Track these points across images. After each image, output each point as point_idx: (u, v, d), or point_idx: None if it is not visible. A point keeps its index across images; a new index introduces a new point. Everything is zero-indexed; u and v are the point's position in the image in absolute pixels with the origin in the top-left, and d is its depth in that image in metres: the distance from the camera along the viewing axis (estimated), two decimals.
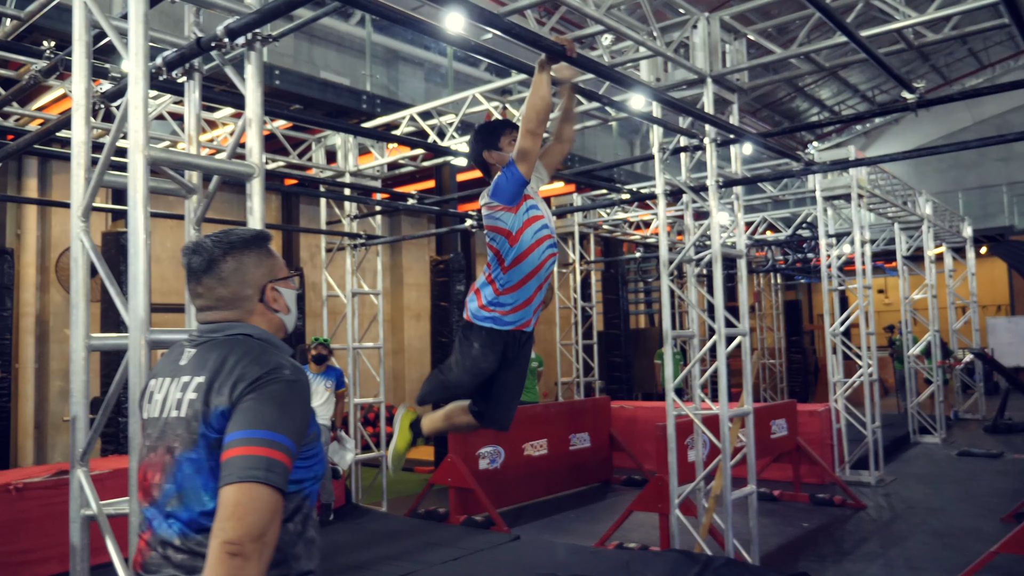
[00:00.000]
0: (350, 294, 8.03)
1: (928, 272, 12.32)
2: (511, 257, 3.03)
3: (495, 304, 3.06)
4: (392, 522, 7.22)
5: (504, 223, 3.02)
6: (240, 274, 1.83)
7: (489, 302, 3.07)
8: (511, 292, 3.05)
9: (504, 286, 3.05)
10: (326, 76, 13.13)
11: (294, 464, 1.72)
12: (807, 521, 7.36)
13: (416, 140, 6.31)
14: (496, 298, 3.06)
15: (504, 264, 3.04)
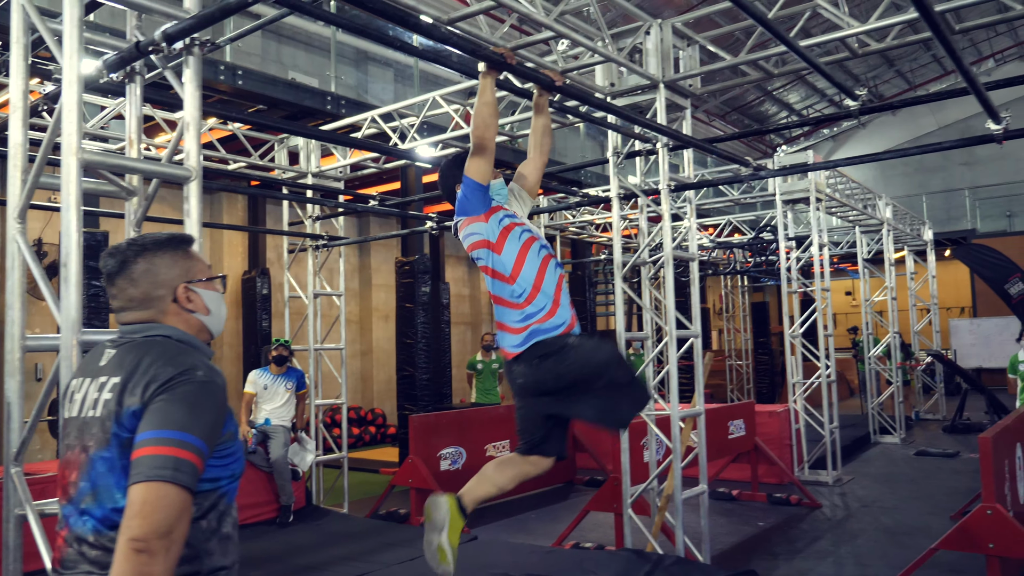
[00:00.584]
0: (312, 295, 8.01)
1: (888, 274, 12.54)
2: (507, 266, 2.89)
3: (526, 318, 2.87)
4: (352, 523, 7.23)
5: (480, 233, 2.92)
6: (151, 275, 1.86)
7: (520, 321, 2.88)
8: (532, 300, 2.88)
9: (522, 297, 2.88)
10: (294, 76, 13.10)
11: (209, 463, 1.77)
12: (763, 520, 7.48)
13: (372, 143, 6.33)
14: (523, 312, 2.88)
15: (506, 276, 2.89)
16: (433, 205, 14.13)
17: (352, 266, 14.57)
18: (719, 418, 7.92)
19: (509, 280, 2.90)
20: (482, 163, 2.94)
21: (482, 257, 2.96)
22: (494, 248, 2.92)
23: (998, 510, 4.78)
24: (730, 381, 17.66)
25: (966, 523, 4.90)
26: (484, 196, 2.96)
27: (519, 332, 2.88)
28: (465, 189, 2.95)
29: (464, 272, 17.05)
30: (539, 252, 2.99)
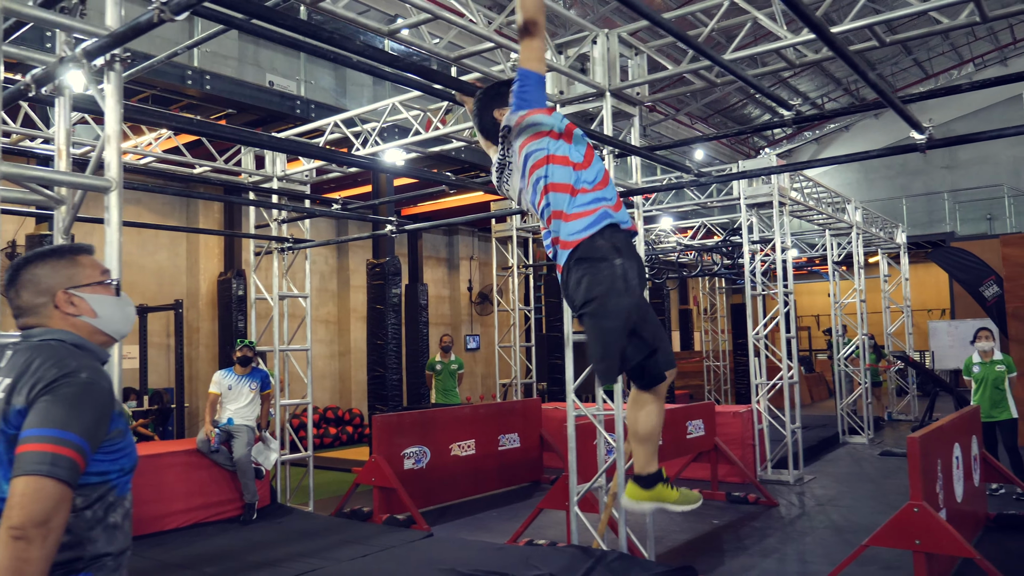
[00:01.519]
0: (277, 297, 8.13)
1: (857, 277, 12.71)
2: (581, 154, 2.59)
3: (599, 200, 2.55)
4: (313, 521, 7.36)
5: (546, 124, 2.60)
6: (33, 284, 2.01)
7: (590, 203, 2.54)
8: (605, 186, 2.59)
9: (594, 182, 2.57)
10: (272, 78, 13.22)
11: (96, 458, 1.91)
12: (718, 519, 7.62)
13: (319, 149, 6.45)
14: (593, 195, 2.55)
15: (579, 163, 2.58)
16: (410, 207, 14.27)
17: (331, 267, 14.69)
18: (677, 418, 8.06)
19: (582, 165, 2.58)
20: (539, 48, 2.58)
21: (540, 148, 2.60)
22: (559, 137, 2.59)
23: (924, 508, 4.94)
24: (708, 382, 17.83)
25: (895, 520, 5.07)
26: (543, 89, 2.63)
27: (589, 213, 2.53)
28: (525, 82, 2.57)
29: (444, 273, 17.17)
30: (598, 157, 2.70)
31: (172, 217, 12.03)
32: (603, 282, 2.51)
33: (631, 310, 2.51)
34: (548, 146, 2.59)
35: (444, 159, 11.37)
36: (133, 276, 11.65)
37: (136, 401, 10.10)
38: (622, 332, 2.51)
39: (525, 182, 2.68)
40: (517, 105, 2.62)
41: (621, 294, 2.50)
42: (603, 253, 2.52)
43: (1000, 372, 8.08)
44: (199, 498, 7.17)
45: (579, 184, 2.56)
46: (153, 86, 8.23)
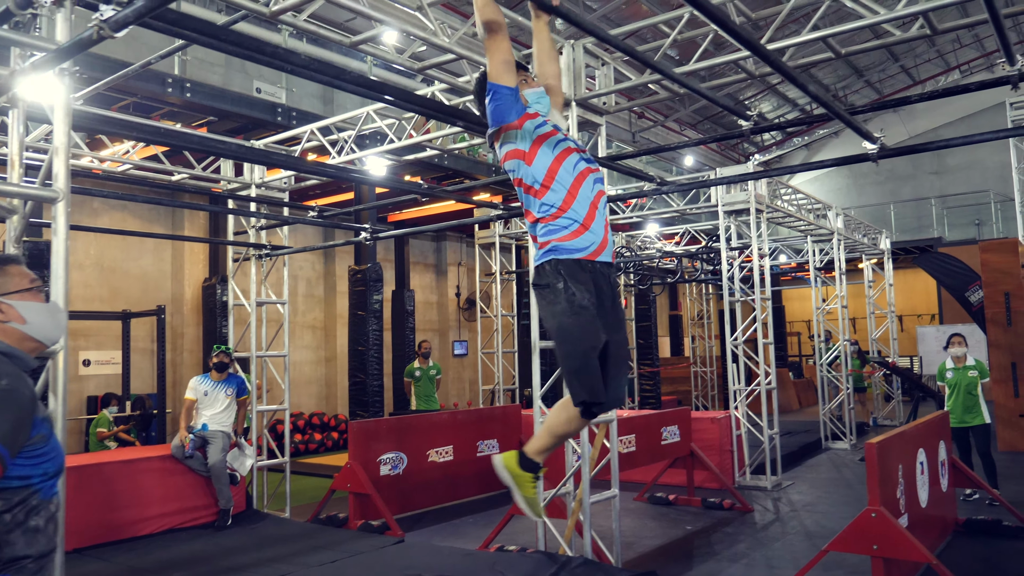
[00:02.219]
0: (254, 303, 8.18)
1: (839, 283, 12.78)
2: (538, 177, 2.64)
3: (550, 232, 2.63)
4: (288, 527, 7.40)
5: (513, 142, 2.67)
6: None
7: (544, 234, 2.65)
8: (561, 214, 2.64)
9: (549, 211, 2.65)
10: (259, 85, 13.29)
11: (17, 462, 1.99)
12: (692, 524, 7.67)
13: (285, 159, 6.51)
14: (547, 227, 2.65)
15: (535, 189, 2.66)
16: (397, 213, 14.34)
17: (317, 273, 14.75)
18: (652, 424, 8.12)
19: (538, 194, 2.66)
20: (501, 53, 2.62)
21: (515, 169, 2.71)
22: (526, 159, 2.66)
23: (882, 513, 4.99)
24: (695, 387, 17.88)
25: (853, 525, 5.11)
26: (514, 100, 2.65)
27: (543, 246, 2.66)
28: (492, 96, 2.64)
29: (431, 279, 17.23)
30: (574, 165, 2.71)
31: (157, 223, 12.09)
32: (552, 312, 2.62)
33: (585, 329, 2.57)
34: (518, 169, 2.70)
35: (428, 166, 11.44)
36: (117, 282, 11.71)
37: (118, 407, 10.13)
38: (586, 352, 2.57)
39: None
40: (490, 121, 2.72)
41: (569, 315, 2.57)
42: (548, 280, 2.64)
43: (973, 378, 8.14)
44: (174, 503, 7.21)
45: (539, 212, 2.67)
46: (133, 94, 8.29)
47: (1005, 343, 11.43)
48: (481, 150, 12.53)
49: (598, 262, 2.68)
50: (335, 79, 3.31)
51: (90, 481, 6.68)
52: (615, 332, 2.67)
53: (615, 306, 2.74)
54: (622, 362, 2.75)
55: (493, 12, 2.64)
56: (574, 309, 2.57)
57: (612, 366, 2.65)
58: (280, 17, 4.14)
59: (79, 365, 11.23)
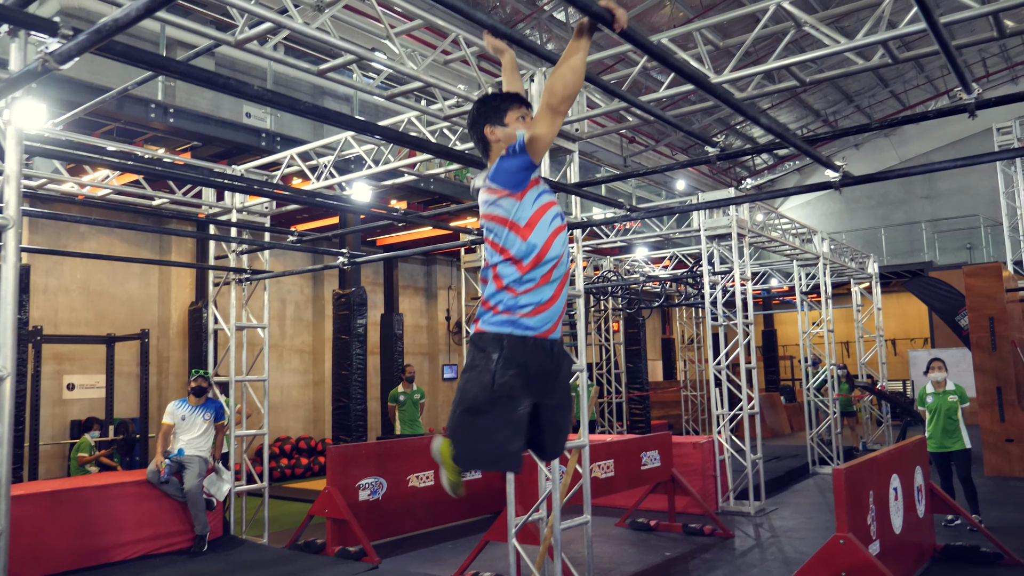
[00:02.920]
0: (233, 327, 8.19)
1: (824, 307, 12.80)
2: (528, 253, 2.56)
3: (513, 307, 2.56)
4: (264, 553, 7.36)
5: (507, 211, 2.56)
6: None
7: (507, 307, 2.56)
8: (530, 292, 2.58)
9: (523, 286, 2.57)
10: (249, 109, 13.38)
11: None
12: (671, 550, 7.63)
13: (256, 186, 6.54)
14: (515, 300, 2.57)
15: (522, 264, 2.56)
16: (385, 236, 14.38)
17: (306, 297, 14.77)
18: (630, 449, 8.09)
19: (518, 267, 2.57)
20: (548, 141, 2.51)
21: (497, 233, 2.59)
22: (518, 232, 2.56)
23: (850, 540, 4.98)
24: (686, 412, 17.83)
25: (822, 552, 5.10)
26: (529, 175, 2.57)
27: (500, 314, 2.57)
28: (516, 162, 2.53)
29: (421, 302, 17.25)
30: (561, 246, 2.67)
31: (144, 247, 12.13)
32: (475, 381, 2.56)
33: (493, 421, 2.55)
34: (504, 237, 2.57)
35: (413, 190, 11.51)
36: (103, 305, 11.73)
37: (100, 431, 10.10)
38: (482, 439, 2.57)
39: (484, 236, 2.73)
40: (493, 175, 2.59)
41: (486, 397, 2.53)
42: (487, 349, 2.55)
43: (953, 402, 8.13)
44: (149, 529, 7.17)
45: (512, 283, 2.57)
46: (117, 119, 8.36)
47: (990, 367, 11.43)
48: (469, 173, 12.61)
49: (546, 340, 2.61)
50: (290, 109, 3.36)
51: (64, 506, 6.66)
52: (548, 397, 2.63)
53: (556, 375, 2.67)
54: (558, 427, 2.69)
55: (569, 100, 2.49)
56: (496, 394, 2.52)
57: (546, 433, 2.65)
58: (246, 46, 4.20)
59: (63, 389, 11.21)
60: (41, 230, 10.45)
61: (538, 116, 2.48)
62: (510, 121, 2.67)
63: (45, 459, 10.73)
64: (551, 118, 2.44)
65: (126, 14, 2.24)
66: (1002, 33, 4.59)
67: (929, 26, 3.59)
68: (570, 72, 2.43)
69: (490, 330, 2.56)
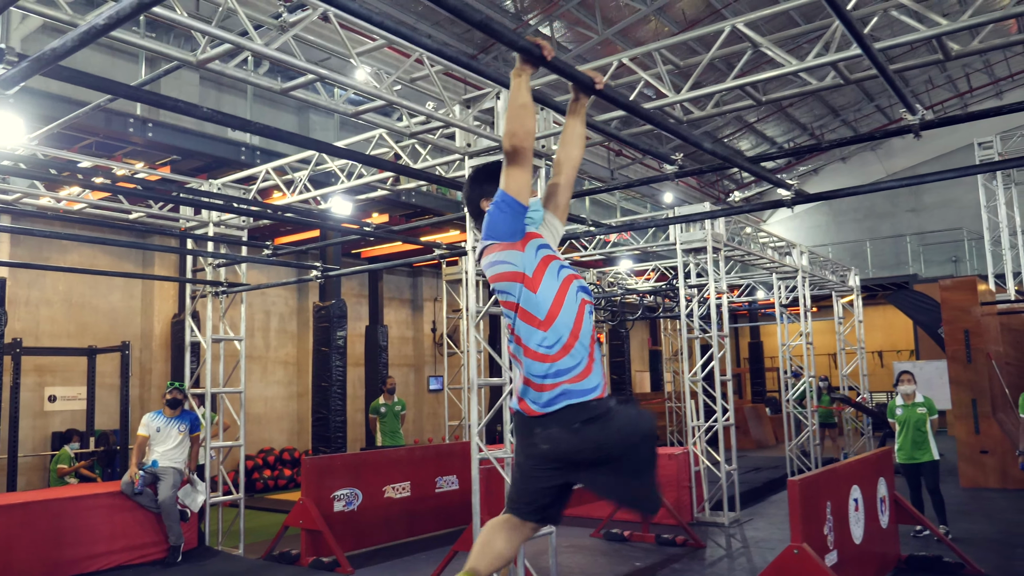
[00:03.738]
0: (210, 340, 8.27)
1: (803, 320, 12.92)
2: (543, 309, 2.40)
3: (557, 375, 2.38)
4: (237, 563, 7.41)
5: (513, 264, 2.43)
6: None
7: (547, 377, 2.37)
8: (567, 352, 2.40)
9: (554, 348, 2.39)
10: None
11: None
12: (642, 561, 7.70)
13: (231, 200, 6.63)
14: (552, 367, 2.38)
15: (539, 320, 2.40)
16: (370, 249, 14.48)
17: (290, 309, 14.84)
18: None
19: (542, 326, 2.39)
20: (520, 175, 2.42)
21: (510, 292, 2.44)
22: (529, 284, 2.41)
23: (804, 550, 5.07)
24: (670, 423, 17.91)
25: (777, 562, 5.19)
26: (521, 218, 2.45)
27: (547, 389, 2.37)
28: (499, 208, 2.44)
29: (407, 314, 17.33)
30: (577, 295, 2.49)
31: (127, 259, 12.20)
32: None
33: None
34: (516, 294, 2.44)
35: (395, 203, 11.62)
36: (86, 317, 11.79)
37: (79, 442, 10.15)
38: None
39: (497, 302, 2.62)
40: (487, 232, 2.49)
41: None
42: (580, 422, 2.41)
43: (921, 415, 8.23)
44: (122, 540, 7.22)
45: (541, 348, 2.41)
46: (95, 133, 8.46)
47: (965, 380, 11.55)
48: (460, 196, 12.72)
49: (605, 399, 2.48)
50: (241, 128, 3.46)
51: (36, 518, 6.71)
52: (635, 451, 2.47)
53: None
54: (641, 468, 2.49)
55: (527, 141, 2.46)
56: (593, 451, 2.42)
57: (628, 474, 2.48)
58: (208, 65, 4.31)
59: (44, 401, 11.26)
60: (23, 243, 10.53)
61: (504, 169, 2.45)
62: None
63: (26, 471, 10.77)
64: (515, 161, 2.42)
65: (63, 44, 2.35)
66: (947, 56, 4.72)
67: (863, 50, 3.72)
68: (516, 110, 2.44)
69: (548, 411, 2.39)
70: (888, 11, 4.83)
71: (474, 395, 6.09)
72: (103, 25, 2.23)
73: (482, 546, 2.65)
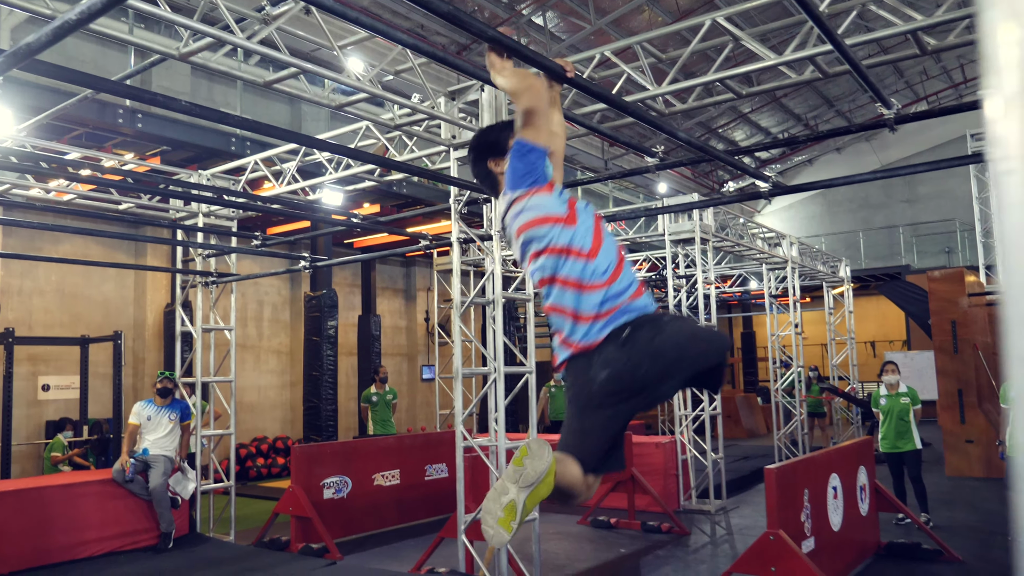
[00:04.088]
0: (200, 330, 8.34)
1: (792, 310, 13.01)
2: (587, 240, 2.32)
3: (615, 296, 2.27)
4: (227, 550, 7.51)
5: (546, 206, 2.34)
6: None
7: (605, 303, 2.26)
8: (619, 276, 2.31)
9: (607, 273, 2.29)
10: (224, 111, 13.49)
11: None
12: (627, 547, 7.81)
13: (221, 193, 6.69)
14: (607, 292, 2.27)
15: (584, 252, 2.30)
16: (363, 239, 14.54)
17: (283, 298, 14.91)
18: None
19: (590, 256, 2.30)
20: (539, 118, 2.37)
21: (546, 236, 2.32)
22: (567, 221, 2.32)
23: (780, 536, 5.17)
24: (662, 412, 18.02)
25: (753, 548, 5.29)
26: (544, 160, 2.38)
27: (604, 316, 2.26)
28: (521, 153, 2.36)
29: (400, 304, 17.41)
30: (604, 226, 2.44)
31: (120, 250, 12.26)
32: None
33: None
34: (554, 236, 2.32)
35: (386, 194, 11.67)
36: (79, 307, 11.85)
37: (73, 431, 10.24)
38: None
39: (524, 263, 2.44)
40: (513, 181, 2.38)
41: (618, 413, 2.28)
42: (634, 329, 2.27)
43: (905, 404, 8.33)
44: (114, 527, 7.31)
45: (594, 278, 2.30)
46: (85, 124, 8.50)
47: (952, 370, 11.65)
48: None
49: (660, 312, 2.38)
50: (219, 120, 3.52)
51: (27, 505, 6.79)
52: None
53: None
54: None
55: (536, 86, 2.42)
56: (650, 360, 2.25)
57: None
58: (191, 58, 4.36)
59: (38, 390, 11.34)
60: (14, 233, 10.58)
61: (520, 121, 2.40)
62: None
63: (20, 459, 10.85)
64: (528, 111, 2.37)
65: (38, 38, 2.41)
66: (923, 51, 4.78)
67: (834, 47, 3.78)
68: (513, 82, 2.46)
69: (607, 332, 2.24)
70: (867, 5, 4.89)
71: (459, 384, 6.17)
72: (75, 20, 2.29)
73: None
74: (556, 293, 2.33)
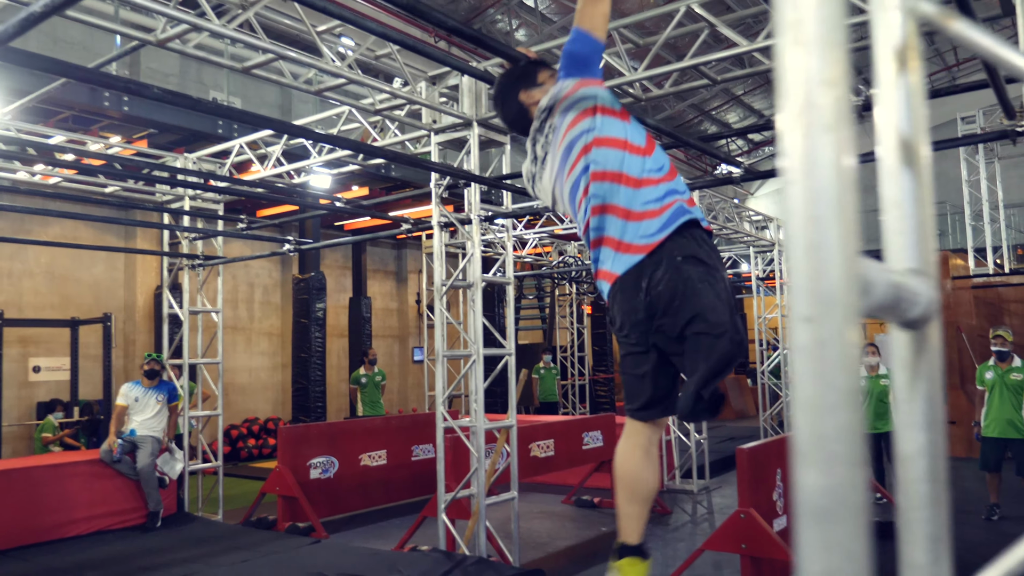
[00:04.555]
0: (187, 312, 8.42)
1: (779, 293, 13.11)
2: (640, 135, 2.18)
3: (671, 193, 2.11)
4: (215, 528, 7.63)
5: (599, 97, 2.19)
6: None
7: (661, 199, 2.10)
8: (675, 175, 2.17)
9: (663, 170, 2.15)
10: (215, 96, 13.52)
11: None
12: (607, 526, 7.94)
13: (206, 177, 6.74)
14: (665, 188, 2.12)
15: (640, 147, 2.15)
16: (353, 221, 14.59)
17: (274, 281, 14.97)
18: (571, 430, 8.40)
19: (646, 152, 2.14)
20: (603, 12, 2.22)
21: (602, 127, 2.16)
22: (621, 116, 2.18)
23: (750, 514, 5.28)
24: None
25: (725, 526, 5.41)
26: (600, 56, 2.24)
27: (661, 212, 2.08)
28: (580, 44, 2.20)
29: (392, 286, 17.48)
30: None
31: (110, 232, 12.30)
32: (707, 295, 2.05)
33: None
34: (597, 125, 2.16)
35: (375, 177, 11.71)
36: (69, 289, 11.91)
37: (63, 412, 10.33)
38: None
39: (564, 175, 2.24)
40: (568, 71, 2.20)
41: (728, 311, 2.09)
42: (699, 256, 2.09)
43: (884, 386, 8.46)
44: (102, 507, 7.43)
45: (649, 173, 2.12)
46: (71, 107, 8.53)
47: None
48: None
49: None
50: (192, 108, 3.58)
51: (16, 485, 6.90)
52: None
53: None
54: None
55: None
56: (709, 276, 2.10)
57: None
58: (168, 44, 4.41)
59: (29, 371, 11.42)
60: (3, 216, 10.61)
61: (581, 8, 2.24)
62: (543, 79, 2.41)
63: (11, 440, 10.95)
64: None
65: (5, 30, 2.46)
66: None
67: None
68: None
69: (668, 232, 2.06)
70: None
71: (440, 367, 6.27)
72: (40, 12, 2.35)
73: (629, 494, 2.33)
74: (606, 189, 2.14)
